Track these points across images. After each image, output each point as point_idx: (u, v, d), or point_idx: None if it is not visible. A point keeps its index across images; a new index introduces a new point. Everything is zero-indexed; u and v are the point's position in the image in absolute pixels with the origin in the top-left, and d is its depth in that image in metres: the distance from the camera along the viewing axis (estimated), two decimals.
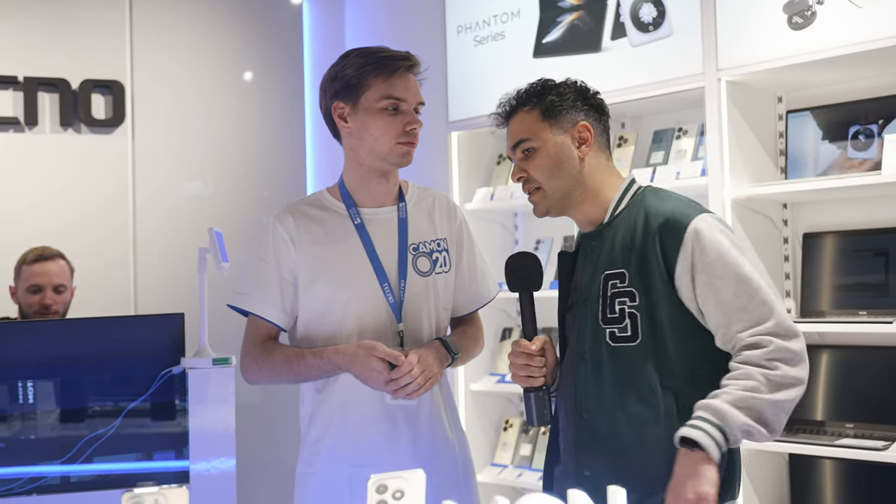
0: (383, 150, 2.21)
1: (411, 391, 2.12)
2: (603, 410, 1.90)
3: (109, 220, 4.27)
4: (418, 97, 2.24)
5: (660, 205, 1.93)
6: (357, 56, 2.24)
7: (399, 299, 2.22)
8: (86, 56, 4.26)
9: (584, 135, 1.99)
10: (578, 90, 2.04)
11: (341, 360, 2.15)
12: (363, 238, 2.24)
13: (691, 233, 1.85)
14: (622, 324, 1.89)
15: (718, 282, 1.83)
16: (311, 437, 2.28)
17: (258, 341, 2.28)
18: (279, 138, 4.63)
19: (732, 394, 1.76)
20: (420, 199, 2.35)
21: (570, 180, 1.97)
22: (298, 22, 4.72)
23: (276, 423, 4.35)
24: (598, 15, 3.52)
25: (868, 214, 3.16)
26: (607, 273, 1.92)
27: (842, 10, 2.87)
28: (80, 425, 2.69)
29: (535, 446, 3.90)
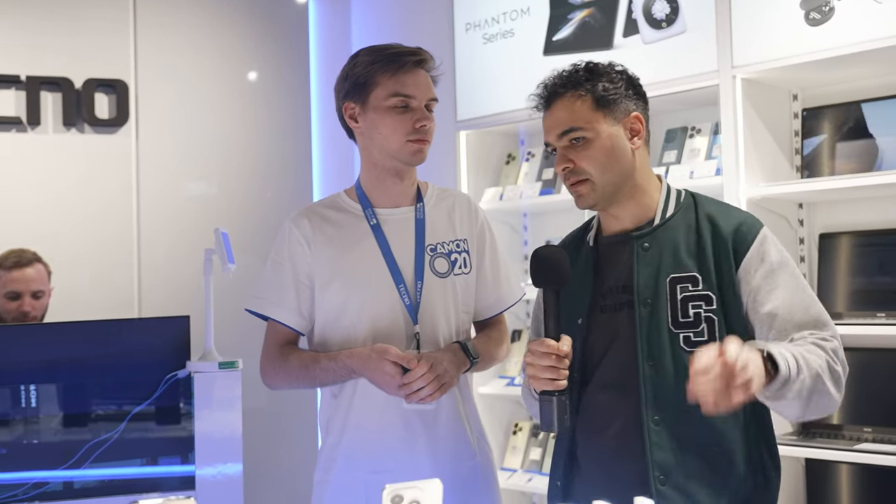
0: (394, 149, 2.17)
1: (424, 395, 2.07)
2: (681, 415, 1.81)
3: (113, 220, 4.22)
4: (429, 93, 2.19)
5: (727, 212, 1.93)
6: (366, 54, 2.20)
7: (415, 301, 2.18)
8: (89, 55, 4.22)
9: (636, 126, 1.93)
10: (629, 78, 1.97)
11: (355, 364, 2.11)
12: (379, 239, 2.20)
13: (760, 238, 1.87)
14: (698, 328, 1.84)
15: (781, 277, 1.83)
16: (328, 443, 2.24)
17: (277, 346, 2.26)
18: (285, 138, 4.58)
19: (810, 362, 1.72)
20: (440, 199, 2.31)
21: (621, 174, 1.91)
22: (304, 21, 4.67)
23: (284, 427, 4.30)
24: (609, 12, 3.46)
25: (886, 214, 3.10)
26: (673, 276, 1.86)
27: (861, 6, 2.82)
28: (83, 430, 2.64)
29: (546, 450, 3.84)
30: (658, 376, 1.84)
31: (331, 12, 4.76)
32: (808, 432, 3.09)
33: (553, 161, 3.84)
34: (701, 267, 1.85)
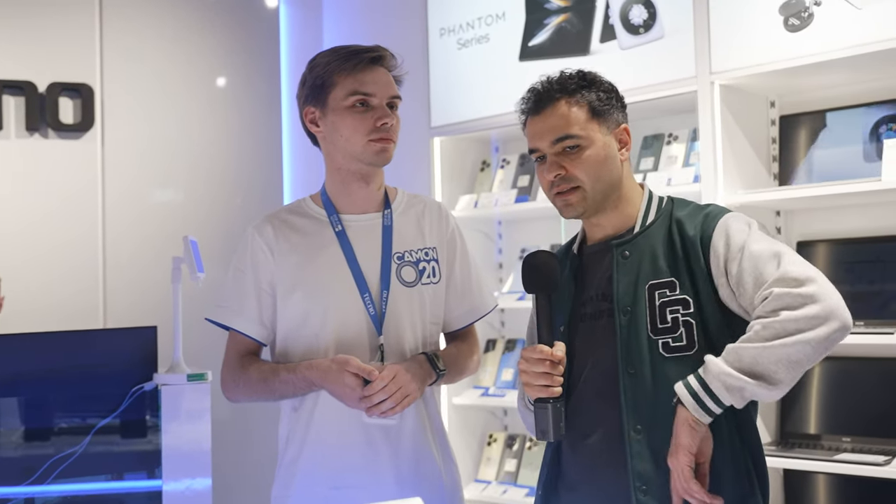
0: (356, 150, 2.09)
1: (385, 409, 2.00)
2: (661, 423, 1.78)
3: (77, 228, 4.12)
4: (389, 90, 2.12)
5: (694, 211, 1.91)
6: (323, 56, 2.14)
7: (380, 311, 2.10)
8: (53, 58, 4.12)
9: (624, 137, 1.94)
10: (615, 89, 1.98)
11: (315, 376, 2.03)
12: (343, 246, 2.13)
13: (722, 224, 1.83)
14: (676, 332, 1.81)
15: (742, 247, 1.79)
16: (287, 457, 2.16)
17: (237, 357, 2.17)
18: (254, 144, 4.50)
19: (727, 349, 1.71)
20: (409, 205, 2.24)
21: (610, 184, 1.90)
22: (275, 25, 4.60)
23: (254, 440, 4.22)
24: (586, 17, 3.42)
25: (864, 222, 3.08)
26: (652, 283, 1.84)
27: (840, 12, 2.80)
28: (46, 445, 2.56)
29: (521, 461, 3.79)
30: (638, 385, 1.82)
31: (302, 17, 4.69)
32: (786, 442, 3.06)
33: (530, 168, 3.83)
34: (676, 271, 1.84)
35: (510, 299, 3.73)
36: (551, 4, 3.53)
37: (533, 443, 3.80)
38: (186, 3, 4.41)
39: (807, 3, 2.85)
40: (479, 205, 3.84)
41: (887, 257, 3.01)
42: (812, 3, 2.84)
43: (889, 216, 3.02)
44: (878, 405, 2.96)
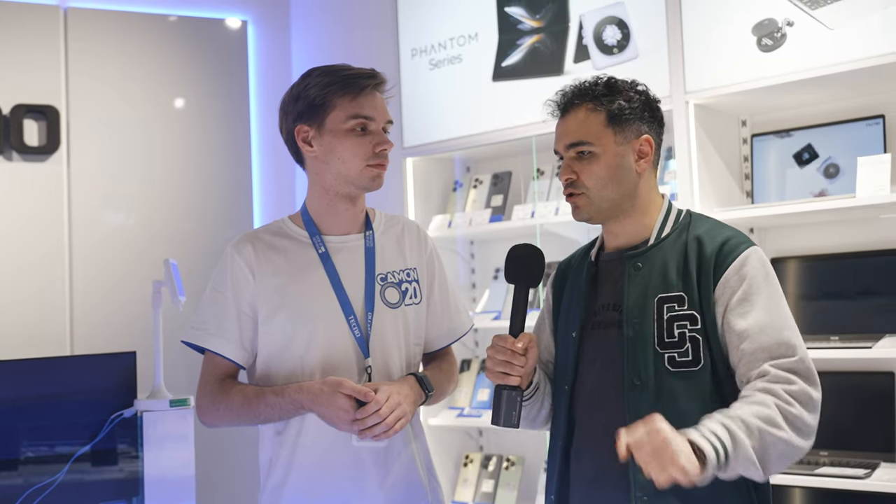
0: (352, 174, 2.07)
1: (379, 432, 1.97)
2: None
3: (43, 251, 4.04)
4: (387, 116, 2.12)
5: (714, 230, 1.90)
6: (320, 75, 2.10)
7: (366, 333, 2.08)
8: (18, 80, 4.04)
9: (644, 149, 1.92)
10: (646, 99, 1.94)
11: (304, 399, 1.99)
12: (327, 268, 2.10)
13: (742, 258, 1.83)
14: (682, 348, 1.81)
15: (758, 299, 1.79)
16: (271, 483, 2.11)
17: (216, 380, 2.11)
18: (223, 164, 4.46)
19: (749, 422, 1.67)
20: (388, 226, 2.22)
21: (621, 193, 1.90)
22: (242, 45, 4.56)
23: (237, 465, 4.15)
24: (560, 37, 3.45)
25: (837, 238, 3.13)
26: (661, 296, 1.84)
27: (813, 32, 2.85)
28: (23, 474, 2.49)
29: (497, 482, 3.78)
30: (642, 397, 1.82)
31: (270, 36, 4.66)
32: None
33: (503, 187, 3.85)
34: (686, 286, 1.84)
35: (485, 319, 3.73)
36: (524, 25, 3.55)
37: (510, 463, 3.79)
38: (152, 25, 4.36)
39: (779, 24, 2.90)
40: (453, 224, 3.84)
41: (859, 273, 3.06)
42: (785, 23, 2.89)
43: (861, 232, 3.08)
44: (853, 419, 3.00)
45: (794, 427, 1.69)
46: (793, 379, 1.73)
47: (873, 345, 2.81)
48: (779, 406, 1.69)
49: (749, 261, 1.82)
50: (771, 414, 1.68)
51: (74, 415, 2.61)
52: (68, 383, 2.65)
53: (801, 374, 1.74)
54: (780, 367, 1.74)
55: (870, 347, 2.80)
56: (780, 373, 1.73)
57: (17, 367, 2.71)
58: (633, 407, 1.81)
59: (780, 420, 1.68)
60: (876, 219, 3.03)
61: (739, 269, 1.81)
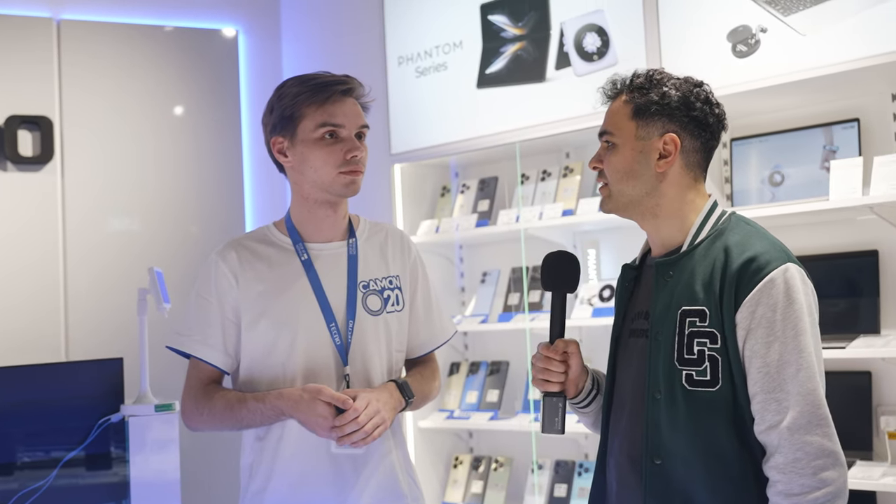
0: (326, 182, 2.09)
1: (357, 439, 1.99)
2: (678, 459, 1.74)
3: (38, 260, 4.10)
4: (359, 120, 2.11)
5: (745, 242, 1.76)
6: (291, 85, 2.12)
7: (346, 340, 2.10)
8: (12, 91, 4.10)
9: (668, 147, 1.80)
10: (685, 97, 1.82)
11: (284, 405, 2.02)
12: (310, 275, 2.12)
13: (769, 279, 1.70)
14: (701, 366, 1.73)
15: (774, 331, 1.68)
16: (252, 488, 2.13)
17: (200, 386, 2.13)
18: (215, 172, 4.51)
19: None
20: (372, 234, 2.24)
21: (640, 191, 1.82)
22: (234, 54, 4.62)
23: (221, 469, 4.20)
24: (541, 45, 3.50)
25: (815, 240, 3.17)
26: (685, 309, 1.76)
27: (786, 39, 2.90)
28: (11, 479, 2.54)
29: (486, 483, 3.82)
30: (661, 411, 1.76)
31: (260, 46, 4.72)
32: None
33: (489, 192, 3.90)
34: (709, 301, 1.74)
35: (473, 322, 3.78)
36: (507, 33, 3.61)
37: (498, 464, 3.84)
38: (144, 35, 4.42)
39: (753, 31, 2.95)
40: (440, 230, 3.88)
41: (837, 274, 3.10)
42: (759, 30, 2.94)
43: (837, 234, 3.12)
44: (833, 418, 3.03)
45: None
46: (807, 451, 1.65)
47: (847, 345, 2.85)
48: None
49: (776, 283, 1.69)
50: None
51: (64, 420, 2.66)
52: (58, 389, 2.71)
53: (815, 427, 1.65)
54: (795, 430, 1.65)
55: (843, 347, 2.84)
56: (794, 454, 1.65)
57: (8, 374, 2.76)
58: (652, 420, 1.77)
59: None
60: (852, 220, 3.07)
61: (764, 290, 1.69)
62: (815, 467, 1.64)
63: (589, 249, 3.68)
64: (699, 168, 1.85)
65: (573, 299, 3.59)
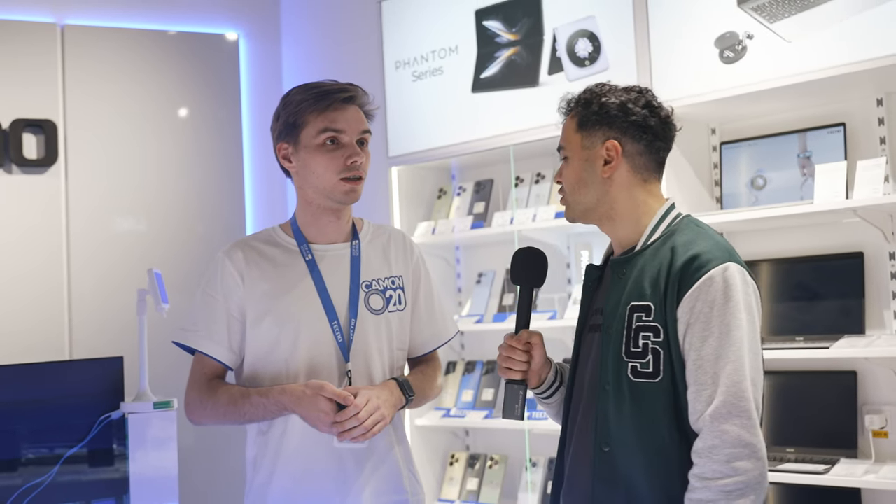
0: (327, 187, 2.15)
1: (357, 435, 2.04)
2: (623, 447, 1.83)
3: (42, 261, 4.17)
4: (360, 126, 2.17)
5: (691, 242, 1.84)
6: (296, 93, 2.19)
7: (348, 338, 2.16)
8: (17, 95, 4.18)
9: (609, 153, 1.90)
10: (623, 104, 1.91)
11: (287, 401, 2.07)
12: (314, 275, 2.18)
13: (708, 277, 1.78)
14: (644, 359, 1.82)
15: (710, 327, 1.77)
16: (256, 481, 2.19)
17: (204, 380, 2.19)
18: (216, 174, 4.59)
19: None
20: (375, 236, 2.30)
21: (592, 198, 1.93)
22: (235, 58, 4.69)
23: (219, 466, 4.28)
24: (535, 50, 3.57)
25: (801, 242, 3.23)
26: (633, 304, 1.85)
27: (771, 45, 2.96)
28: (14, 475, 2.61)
29: (482, 480, 3.89)
30: (609, 402, 1.85)
31: (261, 50, 4.79)
32: None
33: (485, 195, 3.96)
34: (654, 297, 1.83)
35: (469, 322, 3.84)
36: (501, 38, 3.67)
37: (493, 462, 3.90)
38: (147, 40, 4.50)
39: (740, 37, 3.01)
40: (437, 231, 3.95)
41: (822, 275, 3.15)
42: (745, 36, 3.00)
43: (823, 237, 3.17)
44: (818, 417, 3.09)
45: (732, 496, 1.71)
46: (724, 439, 1.72)
47: (831, 345, 2.91)
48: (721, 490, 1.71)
49: (715, 281, 1.77)
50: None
51: (65, 417, 2.73)
52: (59, 387, 2.77)
53: (734, 418, 1.72)
54: (715, 418, 1.73)
55: (827, 348, 2.90)
56: (712, 441, 1.73)
57: (11, 372, 2.83)
58: (602, 410, 1.85)
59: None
60: (837, 223, 3.13)
61: (703, 288, 1.77)
62: (729, 455, 1.71)
63: (582, 251, 3.74)
64: (647, 170, 1.93)
65: (566, 300, 3.66)
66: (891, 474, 2.78)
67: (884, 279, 3.05)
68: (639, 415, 1.82)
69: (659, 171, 1.97)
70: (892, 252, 3.03)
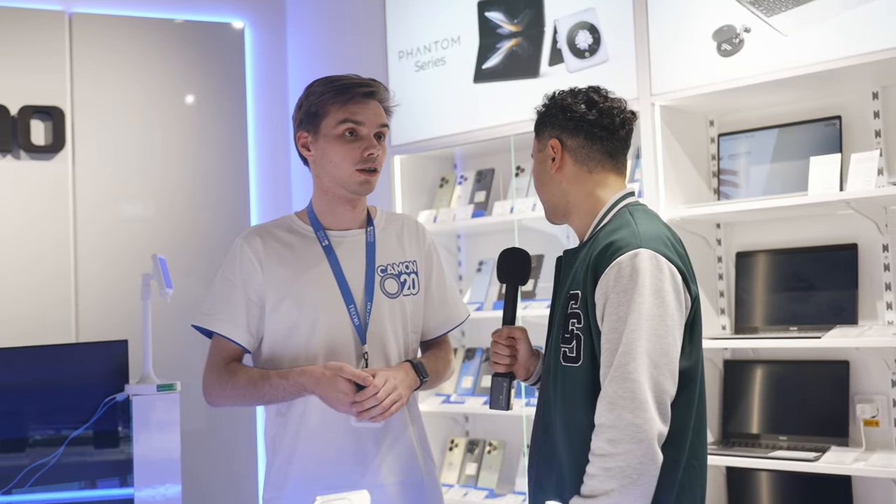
0: (343, 177, 2.23)
1: (375, 414, 2.13)
2: (556, 428, 1.92)
3: (50, 246, 4.23)
4: (378, 119, 2.25)
5: (613, 230, 1.91)
6: (318, 85, 2.27)
7: (364, 321, 2.24)
8: (25, 81, 4.23)
9: (553, 150, 2.00)
10: (560, 103, 2.01)
11: (307, 382, 2.15)
12: (331, 260, 2.26)
13: (617, 263, 1.84)
14: (570, 344, 1.90)
15: (616, 308, 1.81)
16: (277, 461, 2.26)
17: (223, 362, 2.27)
18: (222, 161, 4.63)
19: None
20: (389, 222, 2.38)
21: (551, 195, 2.03)
22: (240, 46, 4.74)
23: (222, 448, 4.34)
24: (536, 41, 3.60)
25: (796, 233, 3.27)
26: (570, 293, 1.93)
27: (768, 38, 2.99)
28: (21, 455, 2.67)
29: (481, 465, 3.94)
30: (549, 387, 1.95)
31: (267, 39, 4.83)
32: (728, 441, 3.24)
33: (486, 184, 4.00)
34: (583, 284, 1.90)
35: (469, 309, 3.87)
36: (503, 29, 3.71)
37: (492, 447, 3.96)
38: (154, 28, 4.54)
39: (738, 30, 3.05)
40: (439, 220, 3.99)
41: (816, 266, 3.20)
42: (742, 30, 3.04)
43: (818, 228, 3.22)
44: (810, 405, 3.14)
45: (612, 475, 1.74)
46: (609, 419, 1.76)
47: (823, 335, 2.95)
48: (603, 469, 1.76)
49: (622, 265, 1.82)
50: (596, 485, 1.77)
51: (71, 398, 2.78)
52: (65, 369, 2.83)
53: (620, 399, 1.76)
54: (604, 398, 1.78)
55: (819, 337, 2.94)
56: (601, 419, 1.78)
57: (18, 354, 2.89)
58: (545, 393, 1.97)
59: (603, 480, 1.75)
60: (832, 215, 3.17)
61: (612, 273, 1.83)
62: (612, 435, 1.75)
63: None
64: (592, 160, 1.98)
65: None
66: (880, 462, 2.83)
67: (877, 270, 3.09)
68: (564, 398, 1.89)
69: (609, 161, 2.00)
70: (886, 244, 3.07)
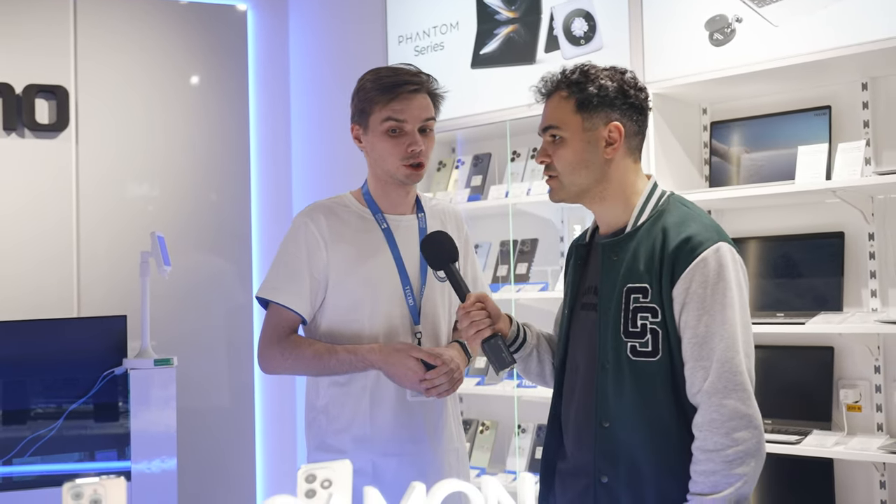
0: (391, 170, 2.32)
1: (442, 391, 2.24)
2: (624, 422, 1.91)
3: (53, 224, 4.29)
4: (423, 114, 2.31)
5: (682, 223, 1.91)
6: (368, 80, 2.35)
7: (418, 302, 2.35)
8: (29, 61, 4.29)
9: (613, 135, 1.95)
10: (620, 87, 1.97)
11: (376, 358, 2.25)
12: (390, 242, 2.36)
13: (702, 258, 1.86)
14: (643, 338, 1.90)
15: (705, 306, 1.84)
16: (333, 426, 2.36)
17: (283, 333, 2.35)
18: (223, 141, 4.69)
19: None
20: (434, 210, 2.49)
21: (590, 178, 1.96)
22: (243, 28, 4.79)
23: (217, 422, 4.42)
24: (532, 28, 3.65)
25: (785, 221, 3.32)
26: (629, 286, 1.92)
27: (759, 28, 3.03)
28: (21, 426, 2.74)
29: (473, 445, 4.01)
30: (607, 380, 1.92)
31: (269, 21, 4.88)
32: None
33: (483, 168, 4.05)
34: (651, 279, 1.89)
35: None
36: (501, 15, 3.75)
37: (485, 427, 4.02)
38: (157, 9, 4.59)
39: (729, 20, 3.09)
40: None
41: (803, 254, 3.25)
42: (734, 19, 3.08)
43: (806, 216, 3.26)
44: (796, 390, 3.20)
45: (733, 464, 1.79)
46: (722, 412, 1.80)
47: (807, 321, 3.01)
48: (723, 459, 1.80)
49: (708, 261, 1.84)
50: (718, 481, 1.80)
51: (70, 372, 2.85)
52: (65, 343, 2.90)
53: (730, 391, 1.81)
54: (712, 393, 1.82)
55: (803, 324, 3.00)
56: (711, 415, 1.81)
57: (19, 328, 2.95)
58: (601, 388, 1.93)
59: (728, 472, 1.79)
60: (820, 203, 3.22)
61: (696, 271, 1.84)
62: (729, 427, 1.80)
63: (575, 225, 3.84)
64: (638, 151, 2.01)
65: (558, 272, 3.76)
66: (859, 445, 2.89)
67: (863, 259, 3.14)
68: (638, 392, 1.89)
69: (640, 152, 2.03)
70: (871, 233, 3.12)
